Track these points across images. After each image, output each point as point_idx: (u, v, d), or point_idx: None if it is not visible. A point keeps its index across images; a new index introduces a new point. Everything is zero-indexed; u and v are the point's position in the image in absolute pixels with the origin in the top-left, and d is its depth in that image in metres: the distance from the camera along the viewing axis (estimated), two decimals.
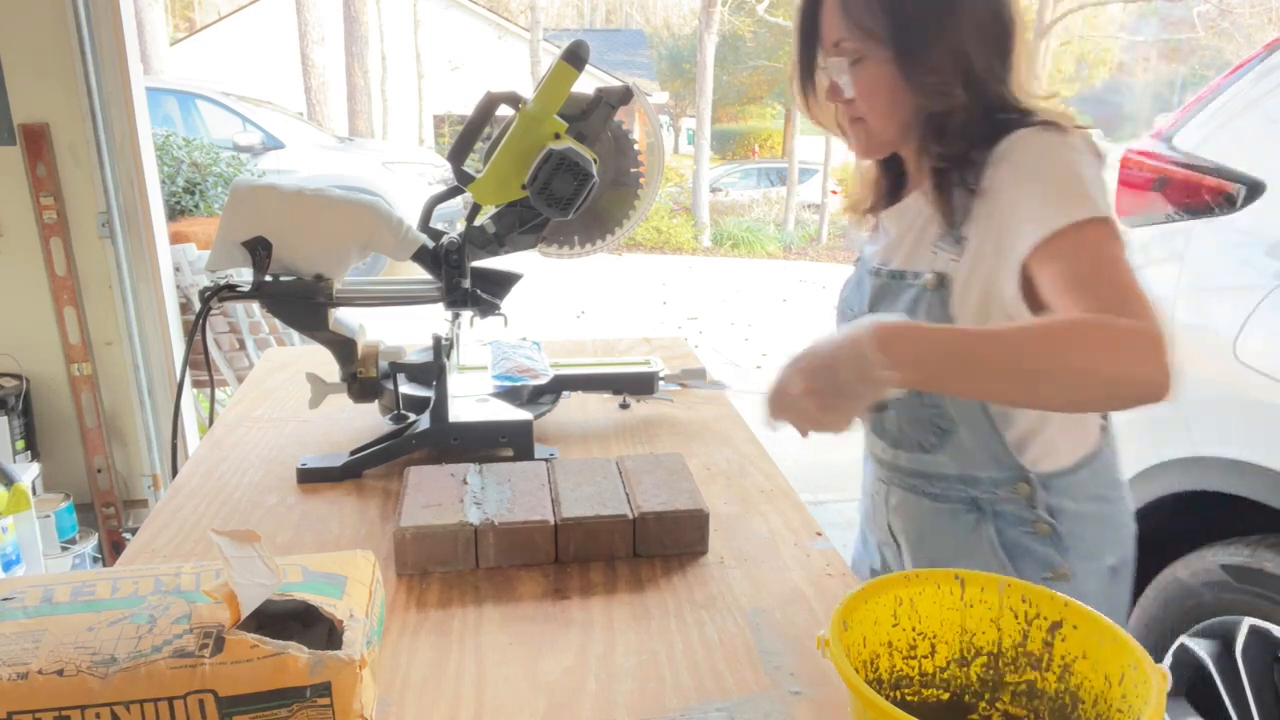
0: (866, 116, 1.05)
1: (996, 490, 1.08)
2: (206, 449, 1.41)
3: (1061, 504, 1.07)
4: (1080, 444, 1.09)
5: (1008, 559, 1.08)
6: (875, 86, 1.02)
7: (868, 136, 1.08)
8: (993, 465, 1.08)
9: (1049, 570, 1.07)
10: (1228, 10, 14.37)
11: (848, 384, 0.82)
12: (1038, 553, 1.08)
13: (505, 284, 1.35)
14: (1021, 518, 1.08)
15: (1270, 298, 1.59)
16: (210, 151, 5.11)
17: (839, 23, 1.01)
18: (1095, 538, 1.09)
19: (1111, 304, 0.83)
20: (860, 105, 1.04)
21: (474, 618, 0.97)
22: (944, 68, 0.99)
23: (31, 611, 0.75)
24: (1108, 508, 1.11)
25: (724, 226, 12.25)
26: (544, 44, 15.70)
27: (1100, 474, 1.11)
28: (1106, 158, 1.00)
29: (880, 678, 0.80)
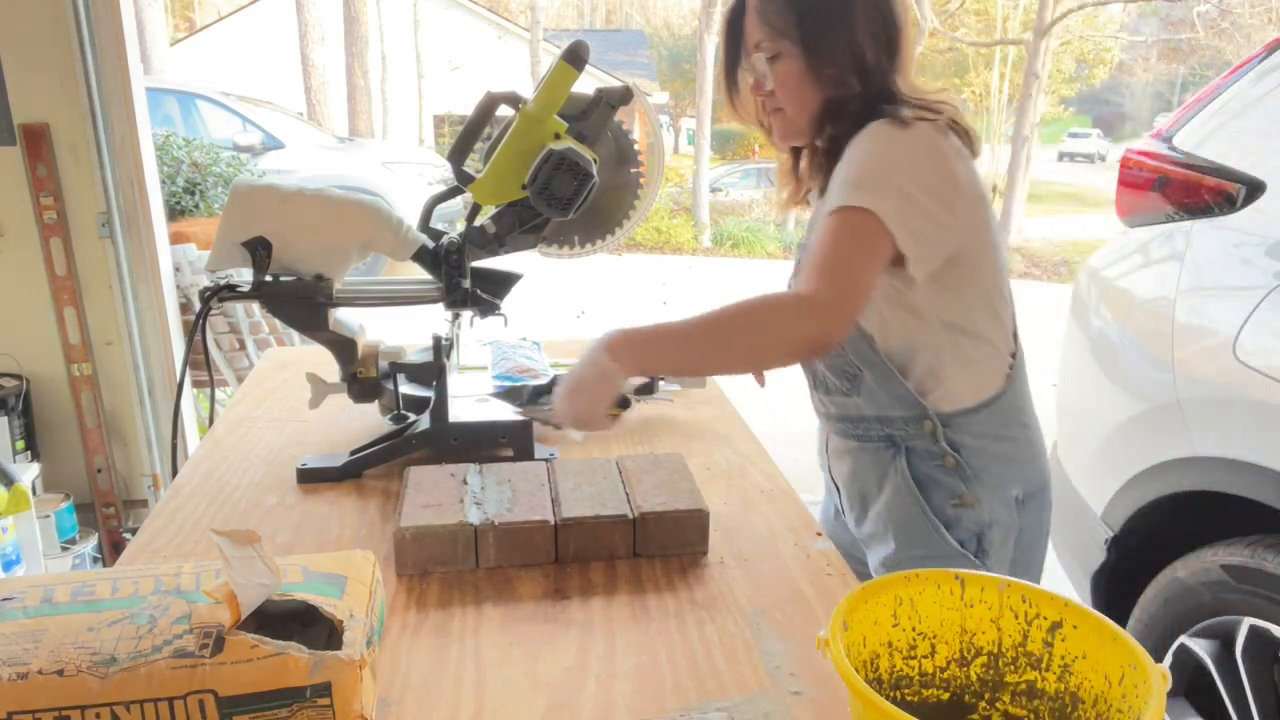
0: (785, 106, 1.20)
1: (908, 428, 1.22)
2: (206, 449, 1.41)
3: (963, 440, 1.21)
4: (980, 389, 1.22)
5: (919, 490, 1.22)
6: (789, 79, 1.17)
7: (785, 124, 1.22)
8: (900, 406, 1.21)
9: (955, 498, 1.22)
10: (1228, 10, 14.37)
11: (591, 384, 1.05)
12: (944, 483, 1.22)
13: (505, 284, 1.35)
14: (930, 452, 1.22)
15: (1270, 298, 1.58)
16: (210, 151, 5.11)
17: (758, 27, 1.17)
18: (999, 471, 1.22)
19: (809, 276, 1.05)
20: (779, 96, 1.20)
21: (474, 618, 0.97)
22: (842, 61, 1.15)
23: (31, 611, 0.75)
24: (1010, 445, 1.24)
25: (724, 226, 12.25)
26: (544, 44, 15.69)
27: (1000, 415, 1.23)
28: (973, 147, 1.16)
29: (880, 678, 0.80)
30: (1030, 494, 1.25)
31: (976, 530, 1.22)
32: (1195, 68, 20.60)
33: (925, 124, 1.11)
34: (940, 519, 1.22)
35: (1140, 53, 22.39)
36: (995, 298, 1.20)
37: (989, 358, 1.21)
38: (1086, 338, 2.12)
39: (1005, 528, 1.23)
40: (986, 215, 1.17)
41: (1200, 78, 21.30)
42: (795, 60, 1.16)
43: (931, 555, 1.21)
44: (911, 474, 1.23)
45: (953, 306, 1.17)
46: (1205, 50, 18.02)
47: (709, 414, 1.58)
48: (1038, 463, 1.27)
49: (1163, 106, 29.03)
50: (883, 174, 1.08)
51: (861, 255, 1.05)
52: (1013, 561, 1.25)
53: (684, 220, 12.36)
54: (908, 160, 1.09)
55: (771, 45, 1.16)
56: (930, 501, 1.22)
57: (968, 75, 16.93)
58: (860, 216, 1.05)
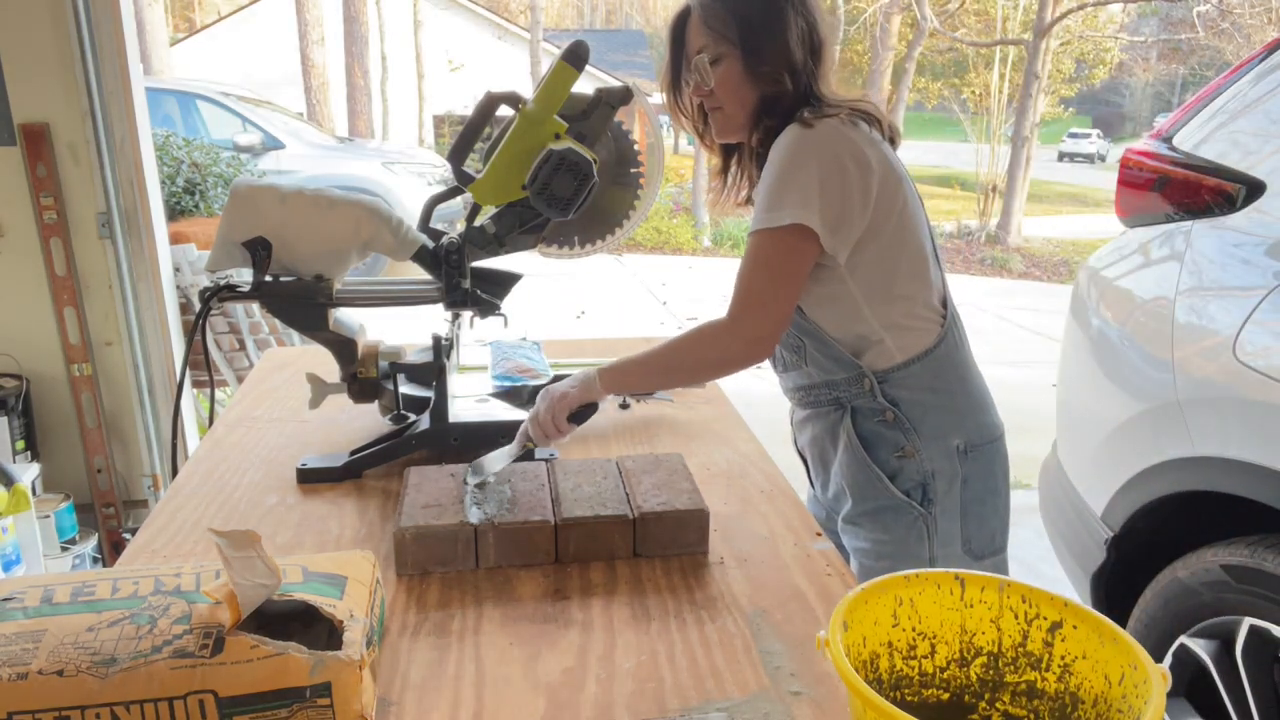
0: (724, 104, 1.31)
1: (850, 388, 1.32)
2: (206, 449, 1.41)
3: (899, 394, 1.31)
4: (909, 346, 1.31)
5: (862, 445, 1.32)
6: (730, 78, 1.28)
7: (725, 121, 1.33)
8: (840, 368, 1.32)
9: (898, 450, 1.31)
10: (1228, 10, 14.36)
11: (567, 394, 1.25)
12: (887, 437, 1.32)
13: (505, 284, 1.35)
14: (871, 409, 1.32)
15: (1270, 298, 1.58)
16: (210, 152, 5.11)
17: (702, 32, 1.28)
18: (936, 421, 1.32)
19: (737, 301, 1.24)
20: (719, 95, 1.30)
21: (474, 618, 0.97)
22: (776, 62, 1.27)
23: (31, 612, 0.75)
24: (946, 397, 1.33)
25: (724, 227, 12.24)
26: (544, 44, 15.69)
27: (933, 369, 1.32)
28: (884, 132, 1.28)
29: (880, 678, 0.80)
30: (974, 445, 1.34)
31: (920, 480, 1.31)
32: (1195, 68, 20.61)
33: (830, 120, 1.23)
34: (885, 471, 1.31)
35: (1140, 53, 22.38)
36: (919, 261, 1.31)
37: (917, 318, 1.31)
38: (1086, 338, 2.12)
39: (948, 477, 1.31)
40: (904, 189, 1.28)
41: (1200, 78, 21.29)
42: (735, 62, 1.27)
43: (881, 507, 1.32)
44: (856, 432, 1.33)
45: (875, 275, 1.28)
46: (1205, 50, 18.02)
47: (709, 414, 1.58)
48: (980, 417, 1.36)
49: (1163, 106, 29.02)
50: (795, 181, 1.20)
51: (783, 278, 1.22)
52: (963, 511, 1.32)
53: (684, 220, 12.36)
54: (816, 157, 1.21)
55: (714, 49, 1.27)
56: (875, 456, 1.32)
57: (968, 75, 16.92)
58: (779, 236, 1.21)
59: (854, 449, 1.33)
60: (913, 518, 1.31)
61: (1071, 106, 20.70)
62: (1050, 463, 2.23)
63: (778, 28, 1.27)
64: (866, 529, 1.33)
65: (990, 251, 11.40)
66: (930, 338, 1.32)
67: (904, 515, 1.31)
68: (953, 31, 14.39)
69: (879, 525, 1.32)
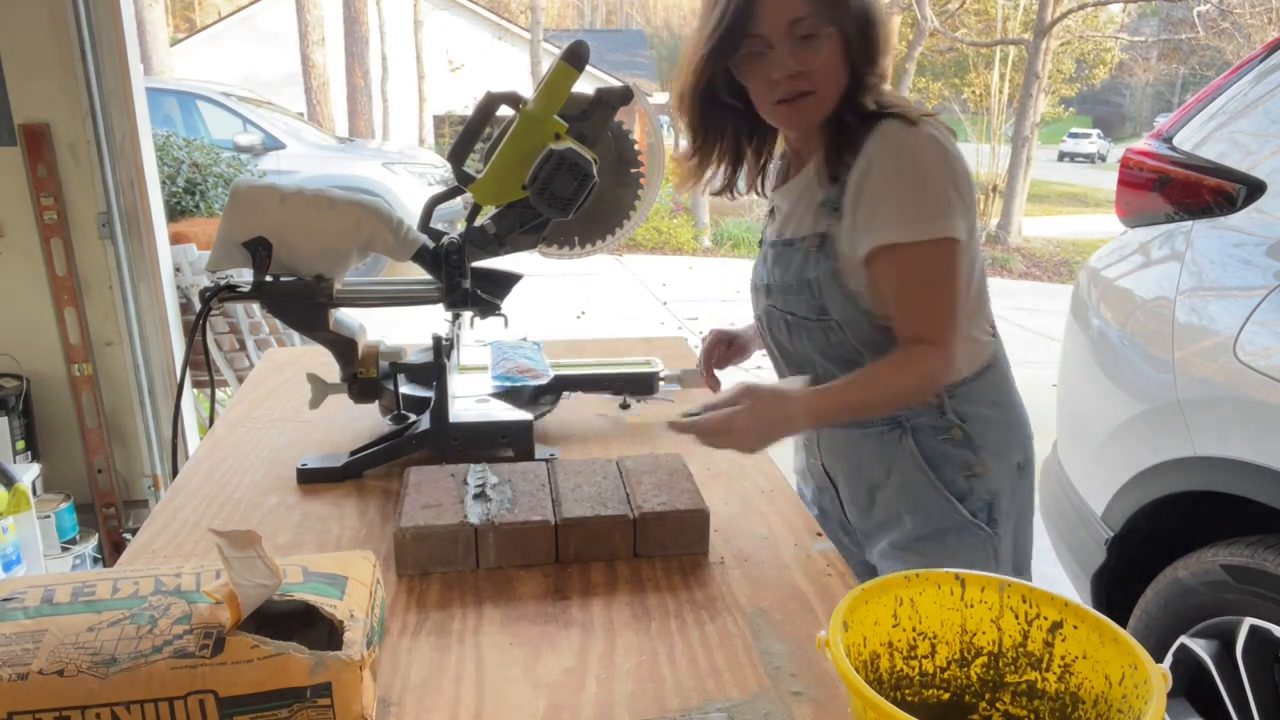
0: (818, 88, 1.17)
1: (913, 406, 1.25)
2: (206, 449, 1.41)
3: (966, 409, 1.25)
4: (975, 358, 1.26)
5: (928, 465, 1.24)
6: (826, 58, 1.15)
7: (816, 106, 1.18)
8: None
9: (966, 469, 1.24)
10: (1228, 10, 14.36)
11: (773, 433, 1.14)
12: (953, 455, 1.24)
13: (505, 284, 1.35)
14: (936, 426, 1.25)
15: (1270, 298, 1.59)
16: (210, 152, 5.11)
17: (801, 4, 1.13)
18: (1001, 437, 1.27)
19: (922, 327, 1.15)
20: (814, 78, 1.16)
21: (474, 618, 0.97)
22: (879, 47, 1.18)
23: (32, 612, 0.75)
24: (1006, 412, 1.29)
25: (724, 227, 12.24)
26: (544, 44, 15.69)
27: (995, 381, 1.28)
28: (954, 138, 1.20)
29: (880, 678, 0.80)
30: (1028, 460, 1.31)
31: (988, 499, 1.25)
32: (1195, 68, 20.61)
33: (930, 120, 1.15)
34: (953, 492, 1.24)
35: (1140, 53, 22.38)
36: (982, 270, 1.26)
37: (981, 330, 1.27)
38: (1087, 338, 2.12)
39: (1010, 496, 1.26)
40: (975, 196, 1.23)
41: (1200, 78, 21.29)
42: (832, 40, 1.14)
43: (947, 529, 1.24)
44: (920, 452, 1.24)
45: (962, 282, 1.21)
46: (1205, 50, 18.02)
47: None
48: (1027, 430, 1.33)
49: (1163, 106, 29.01)
50: (939, 187, 1.13)
51: (955, 287, 1.15)
52: (1014, 532, 1.28)
53: (684, 220, 12.36)
54: (945, 161, 1.14)
55: (814, 22, 1.13)
56: (941, 476, 1.24)
57: (968, 75, 16.93)
58: (944, 247, 1.12)
59: (920, 470, 1.24)
60: (981, 539, 1.24)
61: (1072, 106, 20.71)
62: (1050, 463, 2.23)
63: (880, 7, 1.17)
64: (929, 554, 1.24)
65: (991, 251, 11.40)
66: (990, 349, 1.28)
67: (971, 537, 1.24)
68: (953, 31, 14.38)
69: (944, 549, 1.24)
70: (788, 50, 1.14)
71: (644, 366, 1.57)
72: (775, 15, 1.13)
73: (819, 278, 1.22)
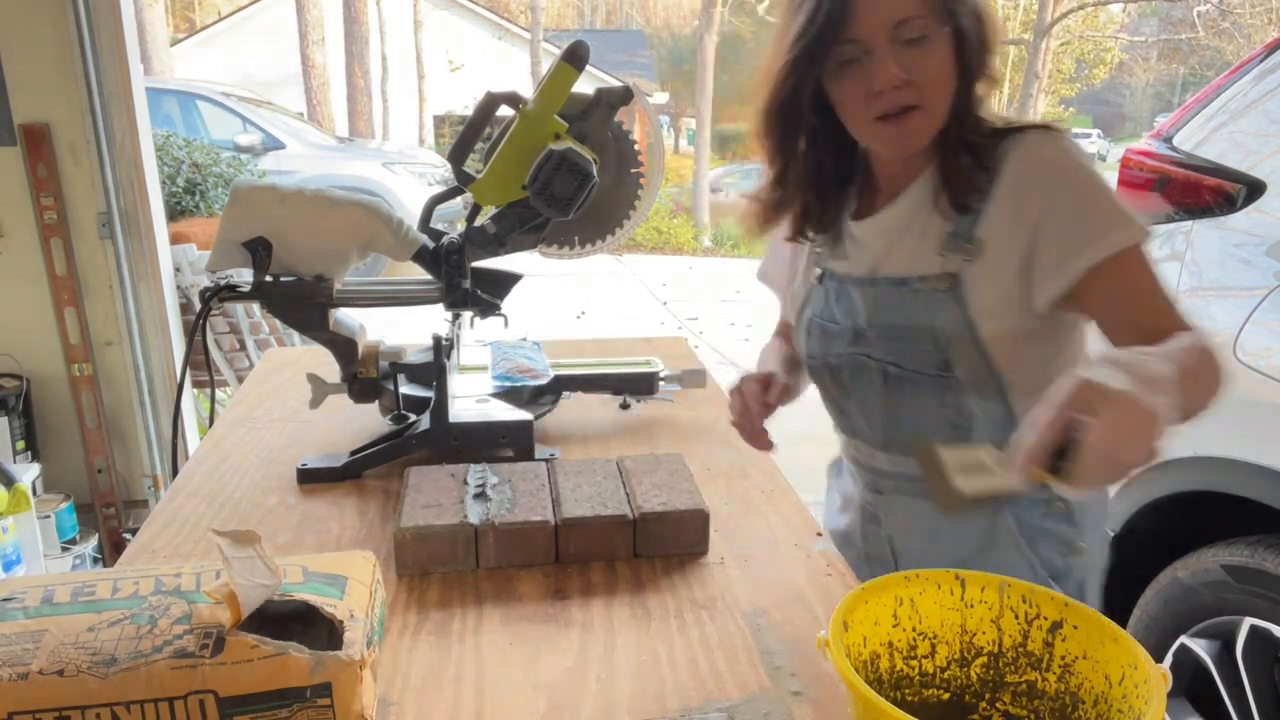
0: (927, 102, 0.99)
1: None
2: (206, 449, 1.41)
3: None
4: None
5: (1026, 544, 1.09)
6: (937, 64, 0.97)
7: (924, 122, 1.00)
8: None
9: (1066, 547, 1.09)
10: (1228, 10, 14.37)
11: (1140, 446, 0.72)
12: (1054, 532, 1.09)
13: (505, 284, 1.35)
14: (1037, 499, 1.09)
15: (1270, 298, 1.59)
16: (210, 152, 5.11)
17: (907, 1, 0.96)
18: (1096, 506, 1.14)
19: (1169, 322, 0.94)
20: (922, 88, 0.98)
21: (474, 618, 0.97)
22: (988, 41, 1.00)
23: (32, 612, 0.75)
24: None
25: (724, 227, 12.24)
26: (544, 44, 15.70)
27: None
28: None
29: (880, 678, 0.80)
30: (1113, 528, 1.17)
31: (1081, 577, 1.10)
32: (1195, 68, 20.60)
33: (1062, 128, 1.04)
34: (1051, 573, 1.09)
35: (1140, 53, 22.37)
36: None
37: None
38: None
39: (1099, 573, 1.13)
40: None
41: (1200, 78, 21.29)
42: (943, 45, 0.97)
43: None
44: (1020, 529, 1.09)
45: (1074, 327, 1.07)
46: (1205, 50, 18.02)
47: (709, 414, 1.58)
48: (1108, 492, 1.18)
49: (1163, 106, 29.00)
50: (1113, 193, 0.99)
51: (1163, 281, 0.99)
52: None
53: (684, 220, 12.36)
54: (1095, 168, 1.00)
55: (923, 24, 0.96)
56: (1040, 555, 1.09)
57: None
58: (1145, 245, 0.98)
59: (1017, 549, 1.08)
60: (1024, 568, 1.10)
61: (1071, 106, 20.71)
62: None
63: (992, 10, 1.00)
64: None
65: None
66: None
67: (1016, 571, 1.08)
68: None
69: None
70: (891, 56, 0.96)
71: (644, 366, 1.57)
72: (877, 14, 0.96)
73: (947, 327, 1.04)
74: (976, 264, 1.02)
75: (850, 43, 0.98)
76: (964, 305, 1.03)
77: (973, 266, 1.03)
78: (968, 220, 1.03)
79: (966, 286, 1.03)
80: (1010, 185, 1.00)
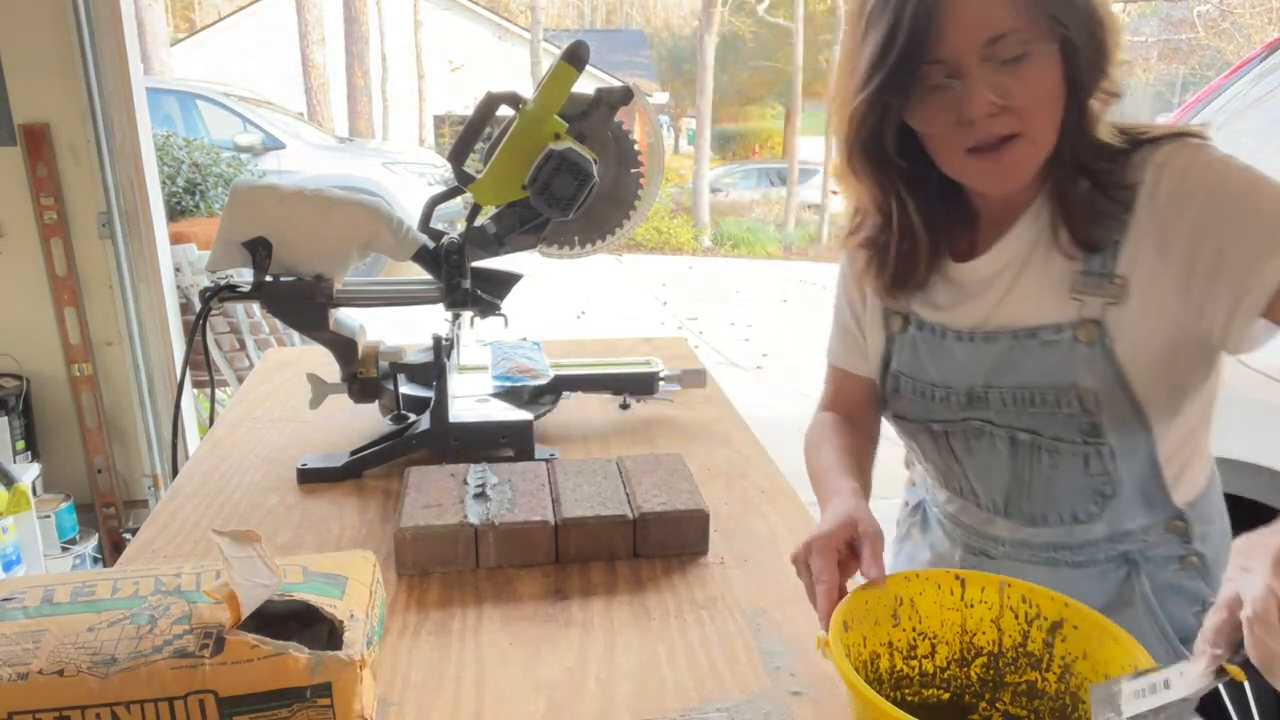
0: (1028, 128, 0.85)
1: (1147, 537, 0.98)
2: (206, 449, 1.41)
3: (1205, 530, 1.00)
4: (1207, 462, 1.01)
5: (1157, 603, 0.99)
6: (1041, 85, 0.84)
7: (1027, 153, 0.87)
8: (1146, 513, 0.97)
9: (1198, 605, 0.99)
10: (1228, 10, 14.37)
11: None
12: (1187, 589, 0.99)
13: (505, 284, 1.35)
14: (1170, 557, 0.99)
15: None
16: (210, 152, 5.12)
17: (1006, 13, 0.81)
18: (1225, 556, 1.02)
19: None
20: (1023, 114, 0.84)
21: (474, 618, 0.97)
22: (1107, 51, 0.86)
23: (32, 612, 0.75)
24: (1224, 521, 1.03)
25: (724, 227, 12.25)
26: (544, 44, 15.70)
27: (1218, 488, 1.04)
28: None
29: (880, 678, 0.80)
30: None
31: None
32: (1195, 68, 20.57)
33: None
34: (1180, 635, 0.99)
35: (1140, 53, 22.36)
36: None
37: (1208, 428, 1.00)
38: None
39: None
40: None
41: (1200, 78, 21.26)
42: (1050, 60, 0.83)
43: None
44: (1151, 589, 0.99)
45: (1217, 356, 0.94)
46: (1205, 50, 18.00)
47: (709, 414, 1.58)
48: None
49: (1163, 107, 29.00)
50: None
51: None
52: None
53: (684, 220, 12.36)
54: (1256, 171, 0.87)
55: (1022, 41, 0.82)
56: (1171, 617, 0.99)
57: None
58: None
59: (1150, 616, 0.98)
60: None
61: None
62: None
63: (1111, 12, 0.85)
64: None
65: None
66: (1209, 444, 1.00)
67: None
68: None
69: None
70: (983, 79, 0.83)
71: (644, 366, 1.57)
72: (966, 30, 0.82)
73: (1094, 385, 0.90)
74: (1123, 306, 0.88)
75: (935, 64, 0.84)
76: (1112, 357, 0.89)
77: (1118, 309, 0.88)
78: (1105, 256, 0.88)
79: (1113, 334, 0.89)
80: (1151, 209, 0.86)
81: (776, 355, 6.25)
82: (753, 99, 24.71)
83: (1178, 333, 0.88)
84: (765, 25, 18.80)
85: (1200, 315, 0.86)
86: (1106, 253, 0.89)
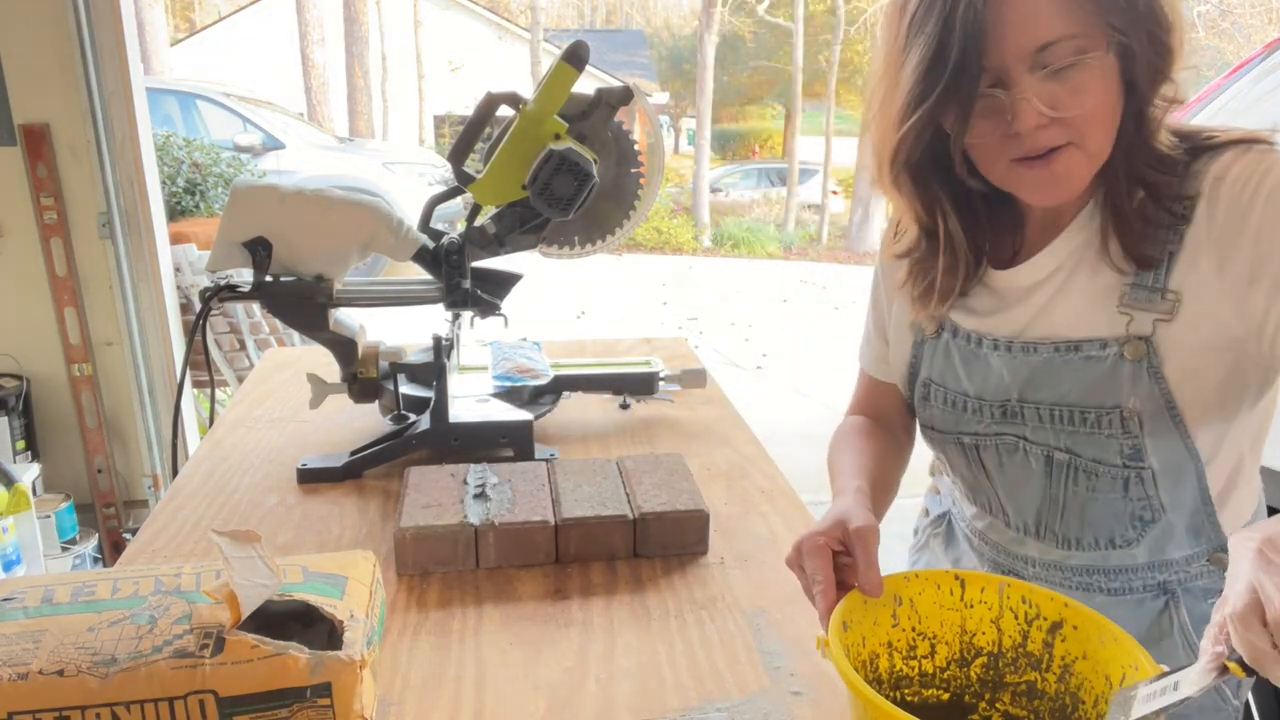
0: (1080, 138, 0.80)
1: (1189, 567, 0.95)
2: (206, 449, 1.41)
3: None
4: (1255, 492, 0.97)
5: (1195, 634, 0.95)
6: (1094, 94, 0.78)
7: (1079, 164, 0.81)
8: (1191, 543, 0.94)
9: None
10: (1228, 10, 14.38)
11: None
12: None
13: (505, 284, 1.35)
14: (1210, 589, 0.94)
15: None
16: (210, 152, 5.11)
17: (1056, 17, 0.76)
18: None
19: None
20: (1075, 124, 0.79)
21: (474, 618, 0.97)
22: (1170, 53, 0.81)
23: (32, 612, 0.75)
24: None
25: (724, 227, 12.25)
26: (544, 44, 15.70)
27: (1263, 515, 0.98)
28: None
29: (880, 678, 0.80)
30: None
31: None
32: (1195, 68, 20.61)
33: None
34: None
35: None
36: None
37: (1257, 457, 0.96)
38: None
39: None
40: None
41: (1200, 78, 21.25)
42: (1105, 66, 0.78)
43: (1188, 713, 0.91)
44: (1190, 620, 0.95)
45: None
46: (1205, 50, 18.02)
47: (709, 414, 1.58)
48: None
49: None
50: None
51: None
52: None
53: (684, 220, 12.36)
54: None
55: (1074, 48, 0.77)
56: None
57: None
58: None
59: (1187, 647, 0.95)
60: (1225, 715, 0.97)
61: None
62: None
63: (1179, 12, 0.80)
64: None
65: None
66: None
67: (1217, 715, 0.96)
68: None
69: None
70: (1033, 90, 0.78)
71: (644, 366, 1.57)
72: (1014, 38, 0.77)
73: (1139, 406, 0.86)
74: (1174, 323, 0.83)
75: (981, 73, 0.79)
76: (1159, 377, 0.85)
77: (1169, 326, 0.84)
78: (1158, 271, 0.84)
79: (1162, 353, 0.84)
80: (1209, 221, 0.81)
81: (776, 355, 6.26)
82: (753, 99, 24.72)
83: (1233, 353, 0.84)
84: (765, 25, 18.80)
85: (1260, 333, 0.81)
86: (1160, 266, 0.84)
